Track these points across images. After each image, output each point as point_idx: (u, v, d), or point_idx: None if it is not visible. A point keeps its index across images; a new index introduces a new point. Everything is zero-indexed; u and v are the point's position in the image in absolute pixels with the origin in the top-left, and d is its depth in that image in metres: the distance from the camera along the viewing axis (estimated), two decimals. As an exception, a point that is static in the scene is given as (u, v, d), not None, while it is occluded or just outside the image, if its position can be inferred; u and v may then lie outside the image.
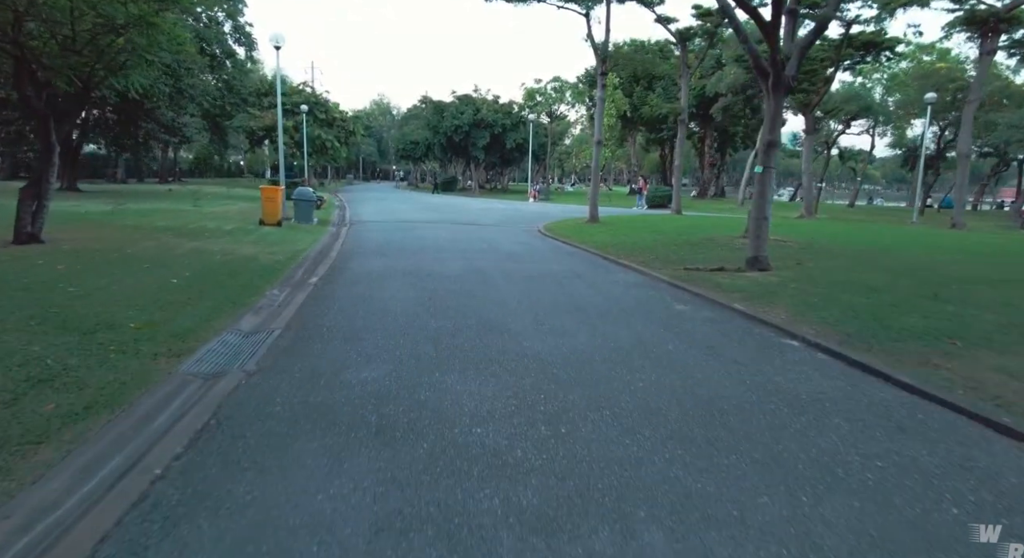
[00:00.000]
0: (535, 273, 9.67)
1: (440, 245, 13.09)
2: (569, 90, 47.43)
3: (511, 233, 16.64)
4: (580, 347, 5.44)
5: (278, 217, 15.56)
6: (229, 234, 13.10)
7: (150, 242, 11.19)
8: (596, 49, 17.06)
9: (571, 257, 11.88)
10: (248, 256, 10.22)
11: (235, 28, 43.76)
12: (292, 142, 40.51)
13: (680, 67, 23.81)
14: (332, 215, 21.04)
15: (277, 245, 11.85)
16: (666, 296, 8.04)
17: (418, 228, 17.27)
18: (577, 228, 16.85)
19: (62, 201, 21.05)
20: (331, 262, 10.39)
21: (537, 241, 14.66)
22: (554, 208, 30.76)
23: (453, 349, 5.27)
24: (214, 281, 8.05)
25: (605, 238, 14.31)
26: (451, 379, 4.48)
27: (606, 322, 6.48)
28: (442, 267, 9.97)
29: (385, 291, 7.84)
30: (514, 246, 13.36)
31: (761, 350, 5.58)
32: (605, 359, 5.11)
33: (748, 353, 5.45)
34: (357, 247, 12.63)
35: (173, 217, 16.41)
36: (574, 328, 6.14)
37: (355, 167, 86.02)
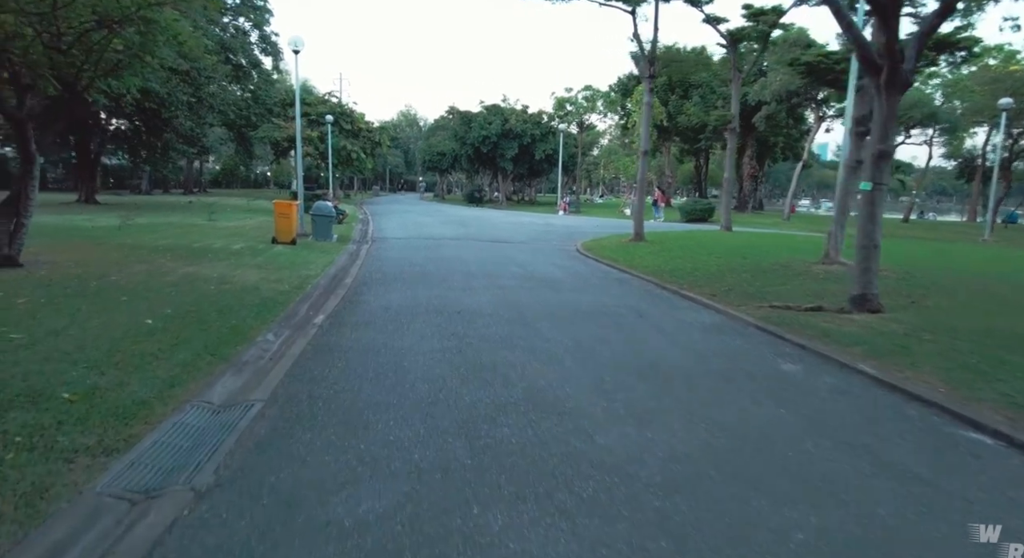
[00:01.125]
0: (585, 309, 8.01)
1: (468, 269, 11.52)
2: (601, 99, 45.78)
3: (546, 253, 15.02)
4: (680, 447, 3.76)
5: (292, 235, 14.20)
6: (235, 255, 11.73)
7: (142, 266, 9.84)
8: (642, 49, 15.45)
9: (623, 286, 10.18)
10: (248, 285, 8.78)
11: (261, 38, 43.32)
12: (317, 153, 39.68)
13: (730, 71, 21.98)
14: (353, 231, 19.70)
15: (285, 270, 10.42)
16: (763, 348, 6.30)
17: (444, 246, 15.77)
18: (621, 247, 15.15)
19: (75, 214, 20.19)
20: (344, 292, 8.89)
21: (578, 264, 13.00)
22: (587, 222, 29.08)
23: (496, 452, 3.64)
24: (198, 321, 6.58)
25: (657, 261, 12.58)
26: (496, 525, 2.84)
27: (699, 394, 4.78)
28: (472, 300, 8.37)
29: (404, 338, 6.26)
30: (552, 270, 11.72)
31: (937, 453, 3.85)
32: (722, 474, 3.42)
33: (922, 459, 3.72)
34: (376, 272, 11.14)
35: (181, 233, 15.19)
36: (659, 407, 4.46)
37: (381, 178, 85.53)
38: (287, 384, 4.89)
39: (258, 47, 43.44)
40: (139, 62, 10.13)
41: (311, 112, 40.41)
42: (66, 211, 21.37)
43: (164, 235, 14.63)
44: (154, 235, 14.50)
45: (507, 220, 28.46)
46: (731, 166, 23.00)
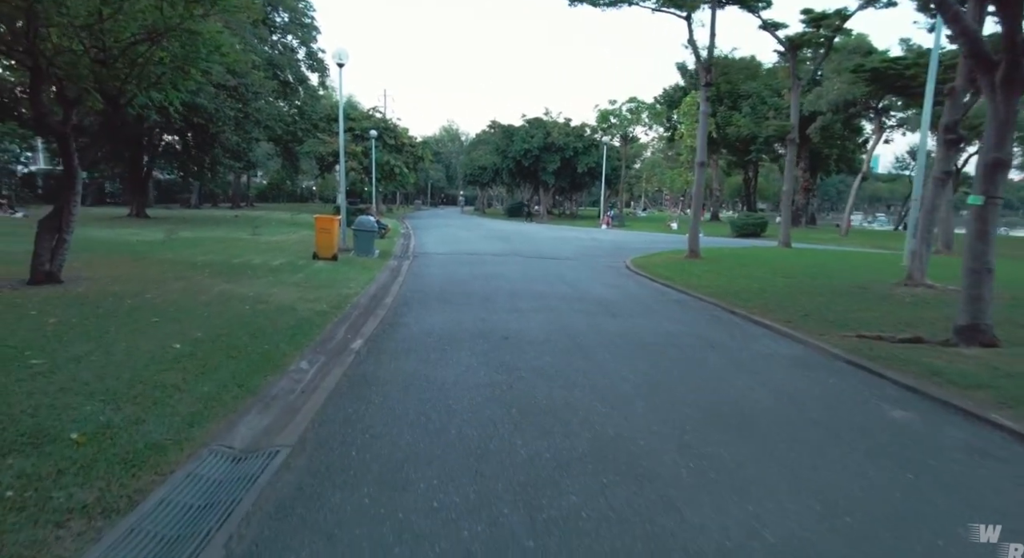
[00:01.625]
0: (647, 337, 7.23)
1: (514, 288, 10.86)
2: (646, 111, 44.88)
3: (595, 270, 14.26)
4: (796, 530, 2.97)
5: (333, 250, 13.86)
6: (273, 272, 11.40)
7: (178, 283, 9.55)
8: (698, 55, 14.66)
9: (684, 309, 9.34)
10: (285, 305, 8.33)
11: (308, 54, 44.27)
12: (361, 168, 40.00)
13: (784, 80, 20.85)
14: (395, 245, 19.36)
15: (324, 288, 9.98)
16: (863, 389, 5.40)
17: (487, 262, 15.18)
18: (676, 265, 14.26)
19: (123, 228, 20.52)
20: (384, 313, 8.35)
21: (630, 283, 12.20)
22: (633, 237, 28.16)
23: (563, 532, 2.92)
24: (228, 346, 6.10)
25: (718, 280, 11.68)
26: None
27: (803, 453, 3.96)
28: (521, 324, 7.70)
29: (447, 370, 5.62)
30: (605, 290, 10.96)
31: None
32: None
33: None
34: (418, 290, 10.61)
35: (222, 249, 15.07)
36: (758, 470, 3.67)
37: (423, 193, 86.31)
38: (318, 426, 4.31)
39: (305, 64, 44.43)
40: (181, 74, 9.92)
41: (355, 127, 40.83)
42: (116, 225, 21.78)
43: (206, 250, 14.51)
44: (196, 250, 14.39)
45: (550, 235, 27.80)
46: (790, 178, 21.80)
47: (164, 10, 8.77)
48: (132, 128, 21.65)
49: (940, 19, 12.81)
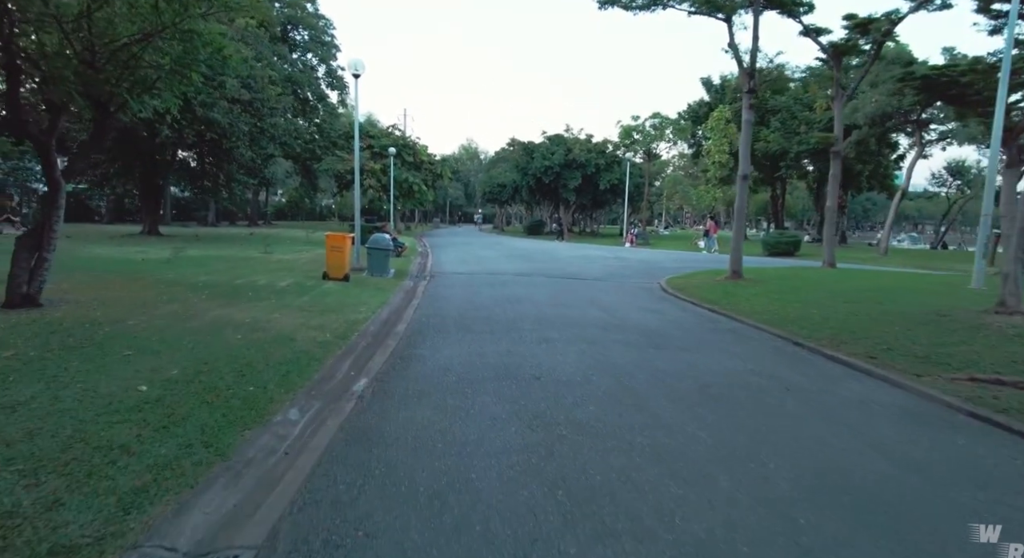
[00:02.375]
0: (706, 377, 6.03)
1: (542, 313, 9.72)
2: (670, 127, 43.79)
3: (629, 292, 13.07)
4: None
5: (345, 270, 12.88)
6: (278, 294, 10.42)
7: (170, 307, 8.59)
8: (740, 60, 13.58)
9: (741, 340, 8.09)
10: (284, 334, 7.29)
11: (328, 72, 44.14)
12: (379, 185, 39.43)
13: (830, 89, 19.62)
14: (412, 264, 18.37)
15: (331, 313, 8.94)
16: (1005, 454, 4.16)
17: (509, 284, 14.08)
18: (718, 287, 12.98)
19: (132, 246, 19.85)
20: (395, 344, 7.27)
21: (672, 307, 10.97)
22: (660, 256, 26.90)
23: None
24: (206, 388, 5.06)
25: (771, 305, 10.41)
26: None
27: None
28: (553, 359, 6.55)
29: (469, 424, 4.50)
30: (644, 316, 9.76)
31: None
32: None
33: None
34: (434, 315, 9.52)
35: (228, 268, 14.18)
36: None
37: (442, 210, 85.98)
38: (298, 512, 3.21)
39: (324, 81, 44.31)
40: (177, 78, 9.06)
41: (374, 144, 40.35)
42: (126, 243, 21.15)
43: (210, 269, 13.63)
44: (200, 269, 13.51)
45: (574, 253, 26.66)
46: (834, 194, 20.44)
47: (160, 6, 7.96)
48: (145, 143, 21.12)
49: (1013, 17, 11.60)
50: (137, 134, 20.49)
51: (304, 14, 42.63)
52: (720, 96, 43.19)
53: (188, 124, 21.11)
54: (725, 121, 33.13)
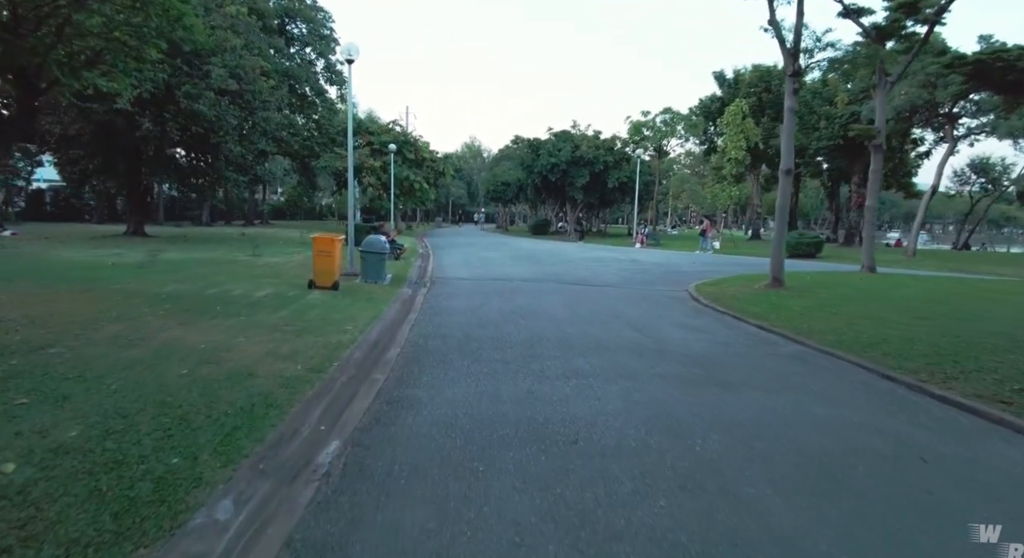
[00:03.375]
0: (806, 439, 4.43)
1: (563, 333, 8.16)
2: (682, 122, 42.15)
3: (657, 303, 11.50)
4: None
5: (334, 277, 11.35)
6: (251, 308, 8.88)
7: (116, 327, 7.07)
8: (782, 39, 11.99)
9: (815, 372, 6.48)
10: (243, 366, 5.75)
11: (327, 67, 42.65)
12: (379, 183, 37.90)
13: (876, 74, 17.98)
14: (411, 268, 16.84)
15: (310, 333, 7.40)
16: None
17: (520, 292, 12.53)
18: (759, 298, 11.38)
19: (110, 248, 18.35)
20: (383, 380, 5.73)
21: (713, 323, 9.37)
22: (677, 258, 25.29)
23: None
24: (107, 462, 3.57)
25: (831, 321, 8.81)
26: None
27: None
28: (591, 408, 4.98)
29: (479, 543, 2.94)
30: (686, 336, 8.18)
31: None
32: None
33: None
34: (434, 335, 7.97)
35: (205, 274, 12.66)
36: None
37: (444, 210, 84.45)
38: None
39: (323, 76, 42.80)
40: (127, 53, 7.51)
41: (374, 141, 38.84)
42: (106, 244, 19.65)
43: (183, 276, 12.11)
44: (171, 276, 12.00)
45: (584, 255, 25.08)
46: (875, 192, 18.77)
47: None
48: (124, 137, 19.60)
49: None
50: (115, 127, 18.97)
51: (302, 6, 41.12)
52: (733, 91, 41.54)
53: (172, 117, 19.59)
54: (742, 116, 31.48)
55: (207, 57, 19.84)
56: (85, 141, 20.28)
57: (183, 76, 19.33)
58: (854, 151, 33.79)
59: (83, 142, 20.40)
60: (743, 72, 41.50)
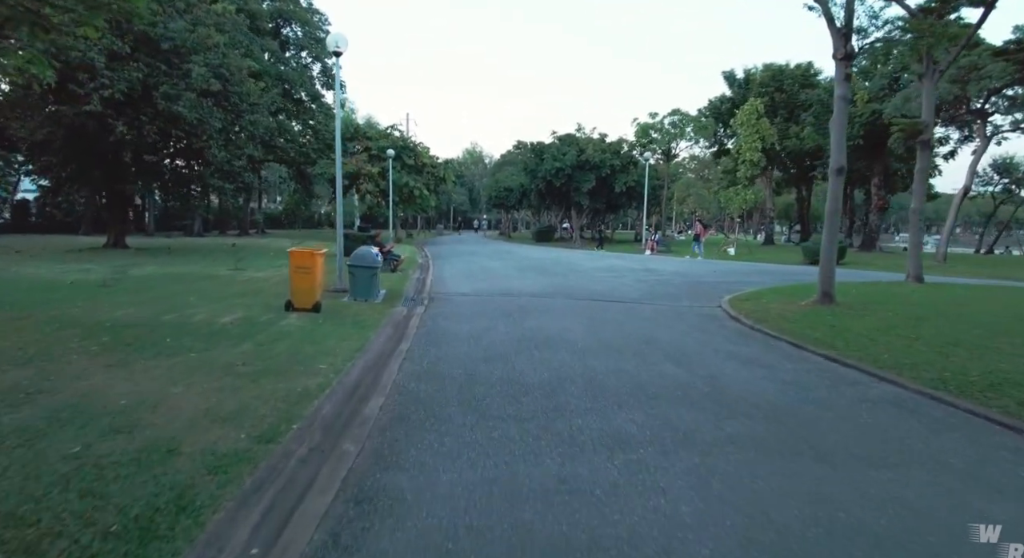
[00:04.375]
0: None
1: (590, 370, 6.59)
2: (690, 124, 40.64)
3: (691, 324, 9.91)
4: None
5: (315, 297, 9.80)
6: (208, 339, 7.32)
7: (22, 371, 5.56)
8: (831, 19, 10.45)
9: (938, 432, 4.81)
10: (166, 435, 4.21)
11: (323, 71, 41.35)
12: (378, 190, 36.44)
13: (922, 62, 16.40)
14: (408, 283, 15.29)
15: (271, 376, 5.84)
16: None
17: (529, 310, 10.96)
18: (812, 316, 9.72)
19: (82, 262, 16.83)
20: (357, 453, 4.18)
21: (768, 353, 7.74)
22: (694, 266, 23.68)
23: None
24: None
25: (916, 350, 7.21)
26: None
27: None
28: (653, 514, 3.39)
29: None
30: (743, 373, 6.58)
31: None
32: None
33: None
34: (428, 375, 6.40)
35: (172, 294, 11.13)
36: None
37: (446, 217, 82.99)
38: None
39: (319, 81, 41.52)
40: (37, 25, 5.98)
41: (372, 146, 37.42)
42: (79, 258, 18.15)
43: (145, 297, 10.58)
44: (131, 297, 10.47)
45: (594, 264, 23.49)
46: (921, 194, 17.19)
47: None
48: (98, 142, 18.13)
49: None
50: (87, 131, 17.51)
51: (296, 8, 39.85)
52: (744, 91, 40.05)
53: (149, 120, 18.12)
54: (757, 115, 29.95)
55: (187, 55, 18.40)
56: (57, 147, 18.82)
57: (161, 75, 17.89)
58: (874, 152, 32.24)
59: (55, 148, 18.94)
60: (754, 71, 40.03)
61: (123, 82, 16.64)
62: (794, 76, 38.35)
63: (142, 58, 17.59)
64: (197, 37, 18.40)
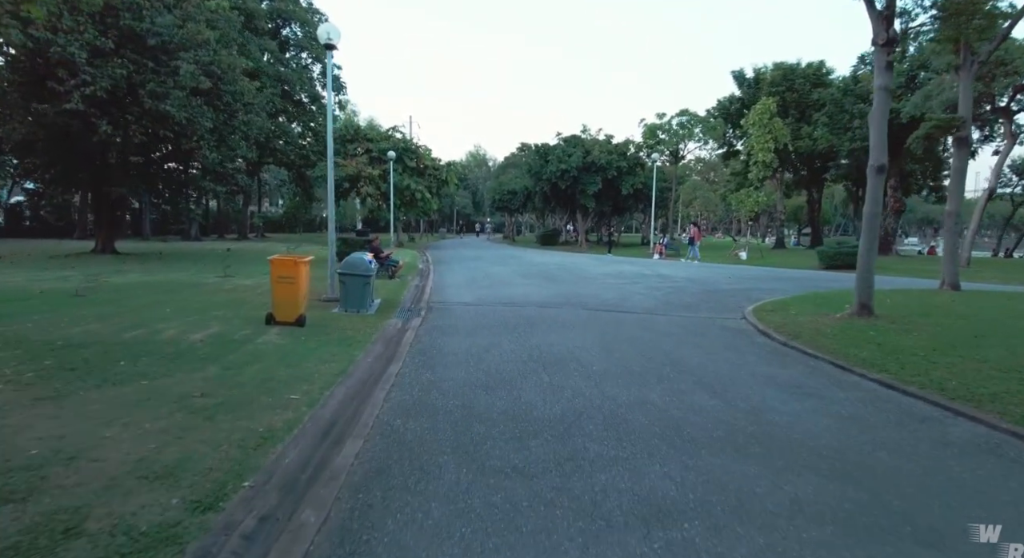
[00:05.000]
0: None
1: (610, 400, 5.63)
2: (699, 125, 39.64)
3: (716, 339, 8.93)
4: None
5: (299, 310, 8.87)
6: (169, 362, 6.38)
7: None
8: (871, 4, 9.45)
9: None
10: (73, 503, 3.26)
11: (323, 72, 40.47)
12: (378, 193, 35.55)
13: (960, 52, 15.40)
14: (406, 290, 14.36)
15: (230, 411, 4.89)
16: None
17: (536, 323, 10.00)
18: (851, 330, 8.70)
19: (64, 269, 15.96)
20: (318, 526, 3.21)
21: (813, 376, 6.73)
22: (707, 272, 22.64)
23: None
24: None
25: (989, 376, 6.20)
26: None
27: None
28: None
29: None
30: (789, 403, 5.60)
31: None
32: None
33: None
34: (418, 409, 5.45)
35: (144, 306, 10.22)
36: None
37: (449, 220, 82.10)
38: None
39: (319, 81, 40.73)
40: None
41: (372, 148, 36.55)
42: (60, 265, 17.28)
43: (113, 310, 9.67)
44: (97, 310, 9.56)
45: (602, 269, 22.49)
46: (958, 194, 16.23)
47: None
48: (81, 142, 17.26)
49: None
50: (70, 131, 16.65)
51: (296, 8, 39.07)
52: (754, 90, 39.04)
53: (136, 119, 17.25)
54: (770, 115, 28.92)
55: (175, 52, 17.54)
56: (40, 148, 17.98)
57: (148, 73, 17.02)
58: (890, 152, 31.14)
59: (38, 149, 18.09)
60: (764, 70, 39.00)
61: (106, 79, 15.77)
62: (805, 75, 37.29)
63: (128, 54, 16.73)
64: (186, 33, 17.54)
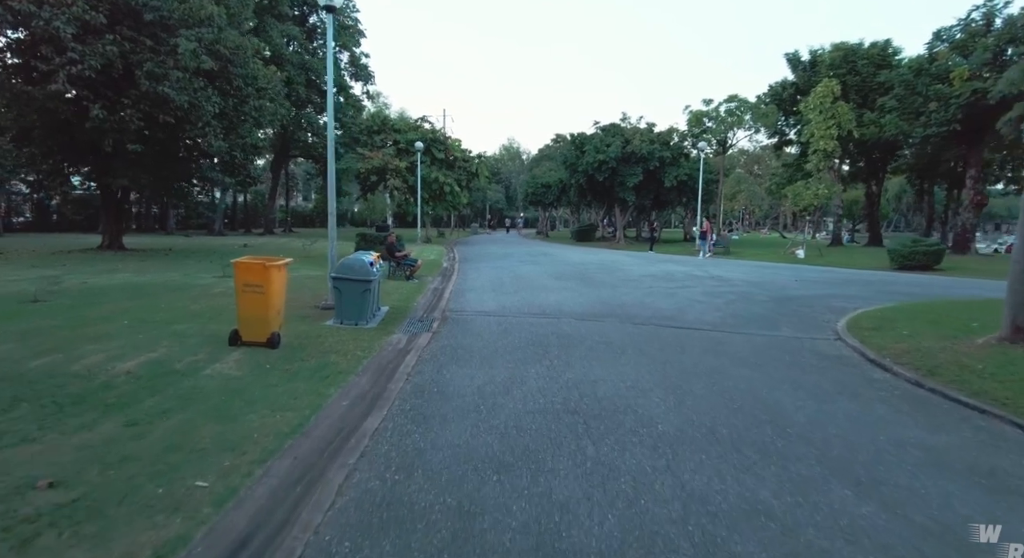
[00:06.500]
0: None
1: (698, 502, 3.55)
2: (749, 111, 36.68)
3: (826, 376, 6.68)
4: None
5: (271, 327, 7.00)
6: (65, 407, 4.53)
7: None
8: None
9: None
10: None
11: (351, 61, 39.05)
12: (405, 186, 33.88)
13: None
14: (421, 295, 12.43)
15: (85, 517, 2.96)
16: None
17: (573, 345, 7.90)
18: (1014, 360, 6.44)
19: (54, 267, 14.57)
20: None
21: (1000, 451, 4.55)
22: (762, 271, 20.03)
23: None
24: None
25: None
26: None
27: None
28: None
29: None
30: (998, 520, 3.42)
31: None
32: None
33: None
34: (386, 514, 3.44)
35: (99, 315, 8.50)
36: None
37: (480, 215, 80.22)
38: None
39: (347, 71, 39.23)
40: None
41: (400, 139, 34.88)
42: (55, 263, 15.92)
43: (52, 321, 7.96)
44: (36, 320, 7.88)
45: (646, 269, 20.12)
46: None
47: None
48: (79, 130, 15.87)
49: None
50: (59, 118, 15.27)
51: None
52: (809, 74, 35.86)
53: (132, 103, 15.76)
54: (833, 98, 25.98)
55: (175, 29, 15.96)
56: (37, 137, 16.71)
57: (145, 51, 15.48)
58: (972, 138, 27.84)
59: (35, 138, 16.82)
60: (821, 52, 35.76)
61: (96, 57, 14.25)
62: (869, 56, 33.91)
63: (123, 31, 15.22)
64: (188, 8, 15.93)
